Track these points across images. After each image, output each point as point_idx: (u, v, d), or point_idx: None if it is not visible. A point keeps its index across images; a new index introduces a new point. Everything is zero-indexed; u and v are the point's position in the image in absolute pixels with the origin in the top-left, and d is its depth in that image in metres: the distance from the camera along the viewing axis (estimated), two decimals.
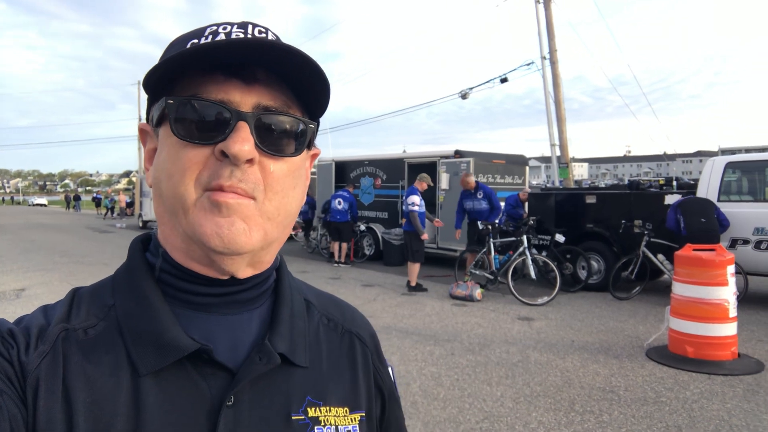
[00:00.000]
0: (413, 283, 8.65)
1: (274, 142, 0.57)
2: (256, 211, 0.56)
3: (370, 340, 0.75)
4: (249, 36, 0.58)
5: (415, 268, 8.60)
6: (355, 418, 0.66)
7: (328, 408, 0.64)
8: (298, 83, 0.59)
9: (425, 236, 8.61)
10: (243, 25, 0.59)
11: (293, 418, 0.61)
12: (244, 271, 0.61)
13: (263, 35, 0.59)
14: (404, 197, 9.06)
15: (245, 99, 0.56)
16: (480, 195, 9.00)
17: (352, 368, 0.70)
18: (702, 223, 6.96)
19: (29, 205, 67.78)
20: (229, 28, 0.59)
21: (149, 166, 0.63)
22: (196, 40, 0.58)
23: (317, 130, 0.64)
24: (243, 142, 0.54)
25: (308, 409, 0.62)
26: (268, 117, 0.57)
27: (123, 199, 33.78)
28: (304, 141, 0.60)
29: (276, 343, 0.62)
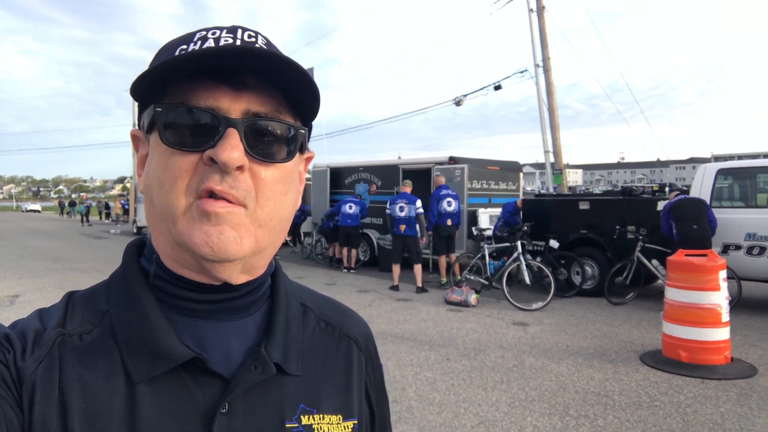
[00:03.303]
0: (420, 284, 9.07)
1: (265, 148, 0.57)
2: (247, 218, 0.56)
3: (366, 346, 0.75)
4: (238, 41, 0.58)
5: (420, 269, 9.19)
6: (347, 426, 0.66)
7: (321, 416, 0.64)
8: (287, 88, 0.58)
9: (423, 240, 9.35)
10: (232, 30, 0.59)
11: (287, 425, 0.61)
12: (237, 278, 0.60)
13: (252, 40, 0.59)
14: (404, 202, 9.18)
15: (234, 105, 0.56)
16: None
17: (347, 374, 0.70)
18: (694, 230, 7.00)
19: (23, 211, 67.39)
20: (218, 33, 0.58)
21: (141, 172, 0.63)
22: (185, 46, 0.58)
23: (309, 135, 0.64)
24: (232, 149, 0.53)
25: (302, 416, 0.62)
26: (258, 123, 0.56)
27: (118, 205, 33.67)
28: (295, 146, 0.60)
29: (271, 351, 0.62)
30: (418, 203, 9.18)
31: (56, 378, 0.54)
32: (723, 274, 5.02)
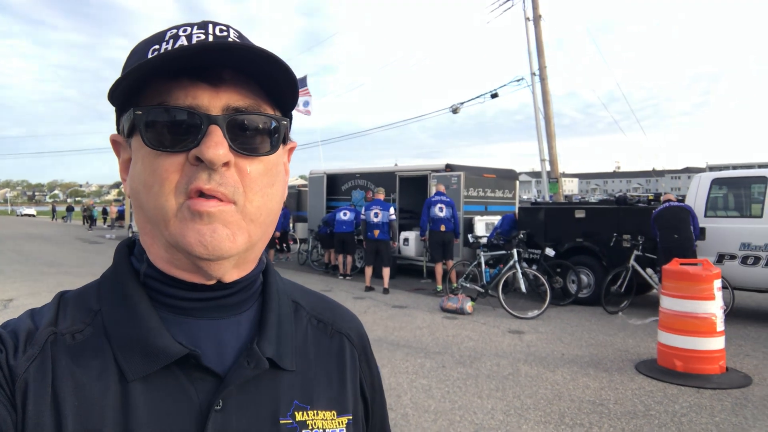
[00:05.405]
0: (386, 285, 9.71)
1: (248, 142, 0.57)
2: (238, 215, 0.56)
3: (359, 341, 0.75)
4: (210, 36, 0.57)
5: (388, 272, 9.92)
6: (342, 422, 0.66)
7: (315, 411, 0.64)
8: (265, 79, 0.58)
9: (395, 244, 10.30)
10: (203, 26, 0.59)
11: (281, 422, 0.61)
12: (230, 275, 0.61)
13: (224, 34, 0.58)
14: (378, 209, 9.80)
15: (214, 102, 0.55)
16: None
17: (340, 371, 0.70)
18: (675, 240, 7.08)
19: (17, 216, 67.10)
20: (189, 29, 0.58)
21: (125, 177, 0.62)
22: (157, 46, 0.57)
23: (290, 125, 0.64)
24: (217, 146, 0.53)
25: (296, 412, 0.62)
26: (239, 118, 0.56)
27: (114, 210, 33.60)
28: (278, 138, 0.60)
29: (264, 347, 0.61)
30: (392, 210, 9.89)
31: (49, 377, 0.54)
32: (718, 283, 5.04)
